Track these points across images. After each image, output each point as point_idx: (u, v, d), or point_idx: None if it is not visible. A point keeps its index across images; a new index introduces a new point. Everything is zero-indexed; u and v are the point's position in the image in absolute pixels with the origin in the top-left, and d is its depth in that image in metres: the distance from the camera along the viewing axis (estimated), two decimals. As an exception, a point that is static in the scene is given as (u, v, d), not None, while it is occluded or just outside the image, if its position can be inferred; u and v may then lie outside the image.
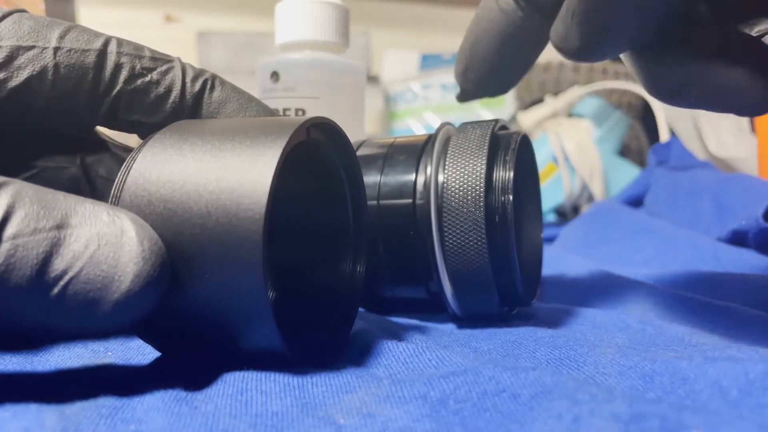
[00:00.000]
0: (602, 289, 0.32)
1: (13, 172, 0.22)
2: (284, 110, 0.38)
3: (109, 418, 0.15)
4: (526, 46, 0.24)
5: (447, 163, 0.25)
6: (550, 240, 0.55)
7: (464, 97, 0.27)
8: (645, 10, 0.18)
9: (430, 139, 0.27)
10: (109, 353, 0.22)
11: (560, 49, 0.21)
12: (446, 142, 0.26)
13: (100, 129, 0.25)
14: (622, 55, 0.22)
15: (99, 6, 0.86)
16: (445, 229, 0.24)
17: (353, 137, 0.26)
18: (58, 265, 0.15)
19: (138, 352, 0.22)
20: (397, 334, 0.24)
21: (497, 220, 0.24)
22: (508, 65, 0.25)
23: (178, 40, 0.91)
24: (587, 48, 0.20)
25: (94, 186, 0.24)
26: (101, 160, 0.24)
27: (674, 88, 0.20)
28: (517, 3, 0.23)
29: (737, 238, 0.38)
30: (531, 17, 0.23)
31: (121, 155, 0.25)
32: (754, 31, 0.18)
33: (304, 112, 0.38)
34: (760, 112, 0.20)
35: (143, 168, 0.18)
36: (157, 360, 0.21)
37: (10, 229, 0.15)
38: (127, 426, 0.15)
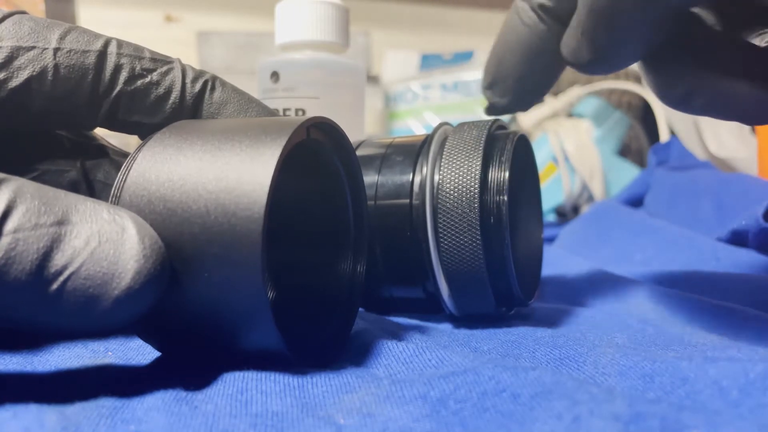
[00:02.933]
0: (602, 289, 0.32)
1: (14, 173, 0.22)
2: (284, 110, 0.38)
3: (110, 418, 0.15)
4: (549, 59, 0.25)
5: (443, 163, 0.25)
6: (550, 240, 0.55)
7: (492, 111, 0.28)
8: (649, 22, 0.19)
9: (428, 139, 0.27)
10: (109, 353, 0.22)
11: (571, 63, 0.22)
12: (443, 142, 0.26)
13: (100, 134, 0.25)
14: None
15: (99, 6, 0.86)
16: (440, 230, 0.24)
17: (353, 137, 0.26)
18: (58, 260, 0.15)
19: (138, 352, 0.22)
20: (397, 334, 0.24)
21: (492, 220, 0.24)
22: (533, 79, 0.26)
23: (178, 40, 0.91)
24: (597, 62, 0.21)
25: (93, 190, 0.24)
26: (100, 165, 0.24)
27: (681, 96, 0.21)
28: (538, 16, 0.24)
29: (737, 238, 0.38)
30: (553, 30, 0.24)
31: (119, 161, 0.25)
32: (764, 42, 0.19)
33: (304, 112, 0.38)
34: (765, 121, 0.20)
35: (143, 167, 0.18)
36: (157, 360, 0.21)
37: (10, 223, 0.15)
38: (127, 426, 0.15)
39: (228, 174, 0.17)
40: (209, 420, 0.15)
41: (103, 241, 0.15)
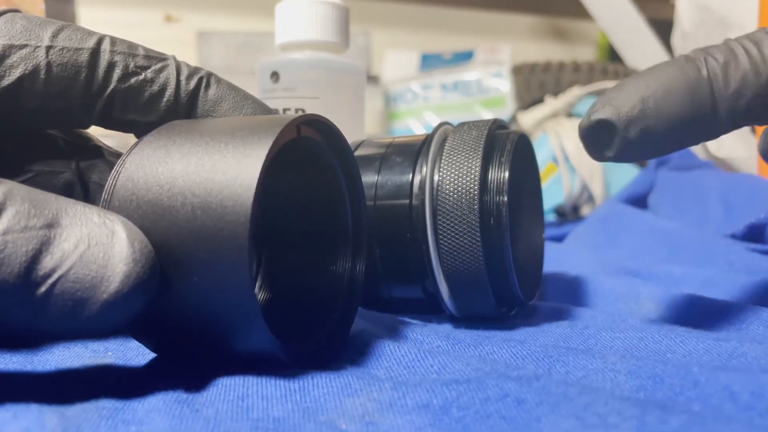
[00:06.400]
0: (604, 288, 0.31)
1: (8, 175, 0.22)
2: (284, 110, 0.38)
3: (110, 420, 0.15)
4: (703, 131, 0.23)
5: (442, 163, 0.25)
6: (558, 240, 0.54)
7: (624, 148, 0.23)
8: None
9: (427, 139, 0.27)
10: (109, 353, 0.22)
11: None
12: (443, 142, 0.26)
13: (95, 135, 0.25)
14: None
15: (99, 6, 0.86)
16: (440, 231, 0.24)
17: (353, 137, 0.26)
18: (47, 263, 0.15)
19: (138, 352, 0.22)
20: (397, 334, 0.24)
21: (492, 221, 0.24)
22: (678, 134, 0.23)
23: (178, 40, 0.91)
24: None
25: (88, 191, 0.24)
26: (94, 166, 0.24)
27: None
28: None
29: (753, 233, 0.38)
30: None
31: (114, 162, 0.24)
32: None
33: (303, 112, 0.38)
34: None
35: (132, 172, 0.18)
36: (157, 361, 0.21)
37: None
38: (128, 427, 0.15)
39: (214, 177, 0.17)
40: (210, 424, 0.15)
41: (92, 245, 0.15)
